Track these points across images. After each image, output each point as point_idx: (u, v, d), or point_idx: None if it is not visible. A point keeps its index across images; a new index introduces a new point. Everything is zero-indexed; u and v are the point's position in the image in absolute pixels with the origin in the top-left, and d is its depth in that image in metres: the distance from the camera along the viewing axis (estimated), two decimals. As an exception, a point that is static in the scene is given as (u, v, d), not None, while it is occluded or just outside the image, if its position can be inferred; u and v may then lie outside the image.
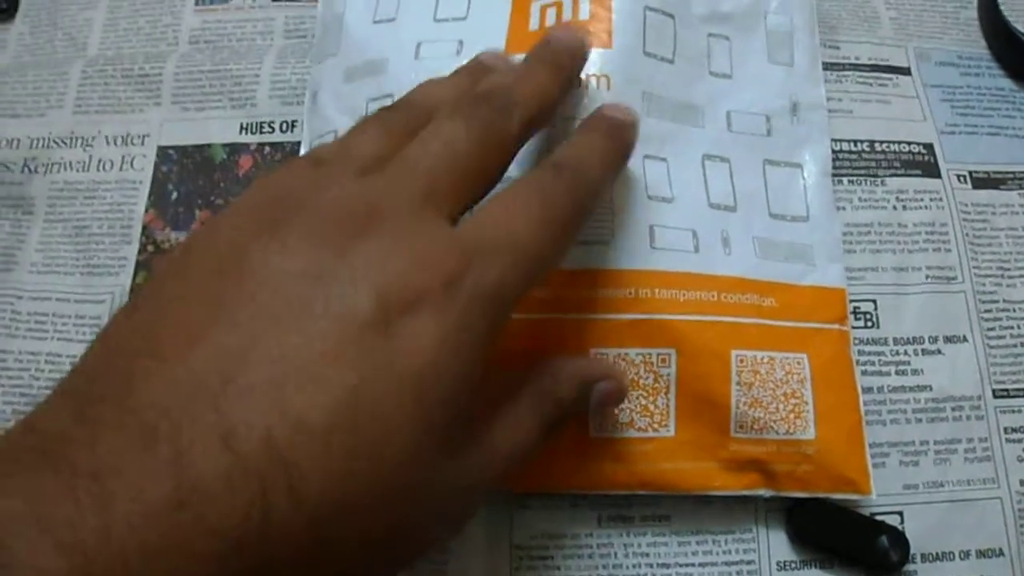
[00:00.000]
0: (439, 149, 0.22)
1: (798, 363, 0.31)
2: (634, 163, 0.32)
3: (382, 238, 0.20)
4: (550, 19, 0.34)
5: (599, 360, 0.29)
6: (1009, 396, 0.35)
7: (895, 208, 0.37)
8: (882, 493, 0.32)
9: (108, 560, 0.15)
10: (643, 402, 0.30)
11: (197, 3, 0.43)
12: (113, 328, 0.19)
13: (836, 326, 0.32)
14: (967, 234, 0.37)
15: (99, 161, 0.39)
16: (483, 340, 0.21)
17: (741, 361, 0.31)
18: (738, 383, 0.30)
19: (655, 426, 0.30)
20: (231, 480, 0.16)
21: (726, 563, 0.32)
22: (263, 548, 0.17)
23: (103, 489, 0.16)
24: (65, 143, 0.40)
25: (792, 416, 0.31)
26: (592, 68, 0.33)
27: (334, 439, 0.18)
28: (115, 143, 0.40)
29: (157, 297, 0.20)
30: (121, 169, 0.39)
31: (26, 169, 0.39)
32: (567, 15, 0.34)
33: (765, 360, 0.31)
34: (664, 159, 0.33)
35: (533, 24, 0.34)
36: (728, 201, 0.33)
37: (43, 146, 0.40)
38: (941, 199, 0.38)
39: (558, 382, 0.26)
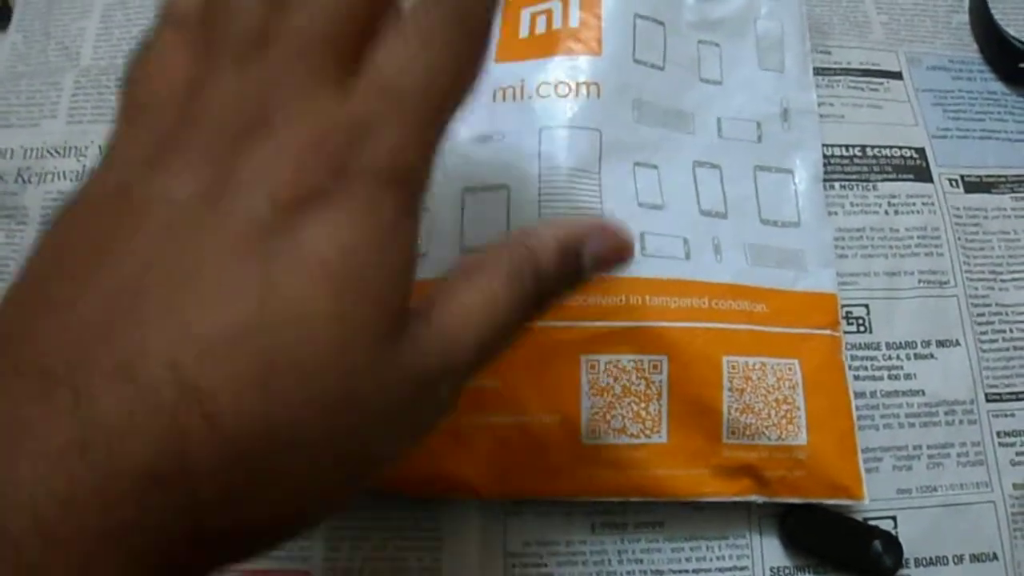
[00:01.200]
0: (318, 13, 0.19)
1: (789, 369, 0.31)
2: (624, 170, 0.32)
3: (269, 139, 0.18)
4: (540, 26, 0.34)
5: (586, 219, 0.26)
6: (1002, 400, 0.35)
7: (887, 213, 0.37)
8: (875, 498, 0.32)
9: (17, 512, 0.15)
10: (635, 408, 0.30)
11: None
12: (11, 289, 0.19)
13: (828, 331, 0.33)
14: (959, 238, 0.37)
15: (93, 171, 0.39)
16: (399, 218, 0.19)
17: (733, 367, 0.31)
18: (730, 389, 0.30)
19: (647, 432, 0.30)
20: (137, 414, 0.16)
21: (719, 569, 0.32)
22: (186, 482, 0.16)
23: (7, 441, 0.15)
24: (59, 153, 0.40)
25: (784, 422, 0.31)
26: (582, 76, 0.33)
27: (246, 353, 0.16)
28: (108, 152, 0.40)
29: (48, 249, 0.19)
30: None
31: (20, 179, 0.39)
32: (557, 22, 0.34)
33: (757, 366, 0.31)
34: (655, 166, 0.33)
35: (523, 31, 0.35)
36: (719, 208, 0.34)
37: (37, 156, 0.40)
38: (933, 203, 0.38)
39: (534, 249, 0.22)
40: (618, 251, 0.23)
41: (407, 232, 0.19)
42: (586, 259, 0.22)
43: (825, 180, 0.37)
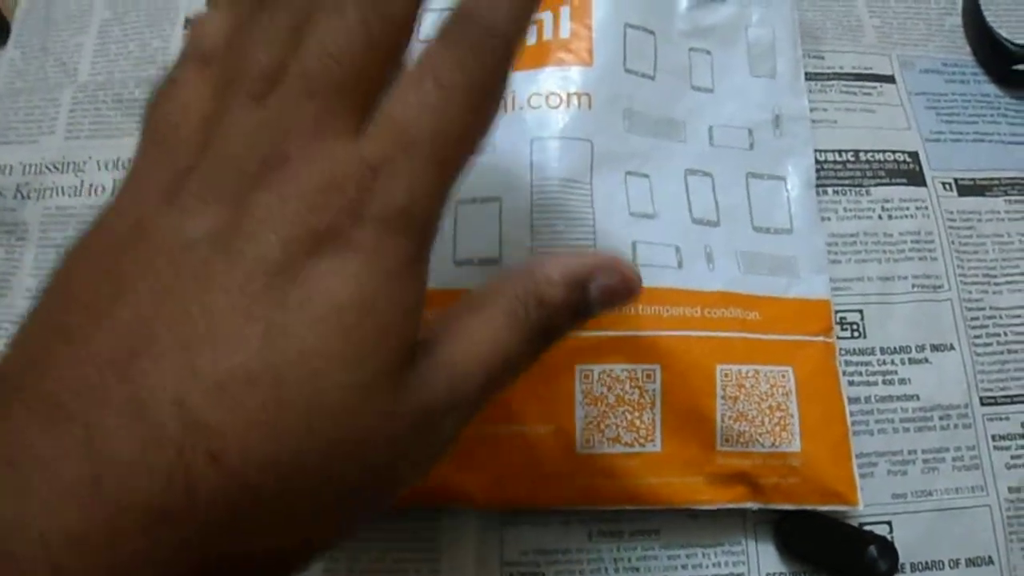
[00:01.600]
0: (327, 56, 0.19)
1: (783, 376, 0.31)
2: (616, 180, 0.33)
3: (283, 180, 0.18)
4: (531, 37, 0.34)
5: (593, 254, 0.26)
6: (996, 404, 0.35)
7: (880, 217, 0.38)
8: (871, 503, 0.32)
9: (28, 545, 0.15)
10: (629, 417, 0.30)
11: (186, 27, 0.43)
12: (27, 318, 0.19)
13: (821, 338, 0.33)
14: (953, 242, 0.37)
15: (91, 186, 0.40)
16: (410, 261, 0.19)
17: (726, 375, 0.31)
18: (723, 397, 0.31)
19: (641, 441, 0.30)
20: (146, 450, 0.16)
21: (716, 576, 0.32)
22: (195, 516, 0.16)
23: (19, 475, 0.16)
24: (57, 168, 0.40)
25: (777, 429, 0.31)
26: (573, 86, 0.33)
27: (253, 395, 0.17)
28: (106, 168, 0.40)
29: (64, 280, 0.19)
30: (113, 194, 0.39)
31: (19, 195, 0.40)
32: (548, 33, 0.34)
33: (750, 374, 0.31)
34: (646, 175, 0.33)
35: (515, 42, 0.35)
36: (711, 216, 0.34)
37: (35, 172, 0.40)
38: (927, 207, 0.38)
39: (539, 282, 0.22)
40: (626, 285, 0.23)
41: (417, 277, 0.19)
42: (593, 293, 0.22)
43: (818, 185, 0.37)
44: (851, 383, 0.34)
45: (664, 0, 0.36)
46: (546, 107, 0.33)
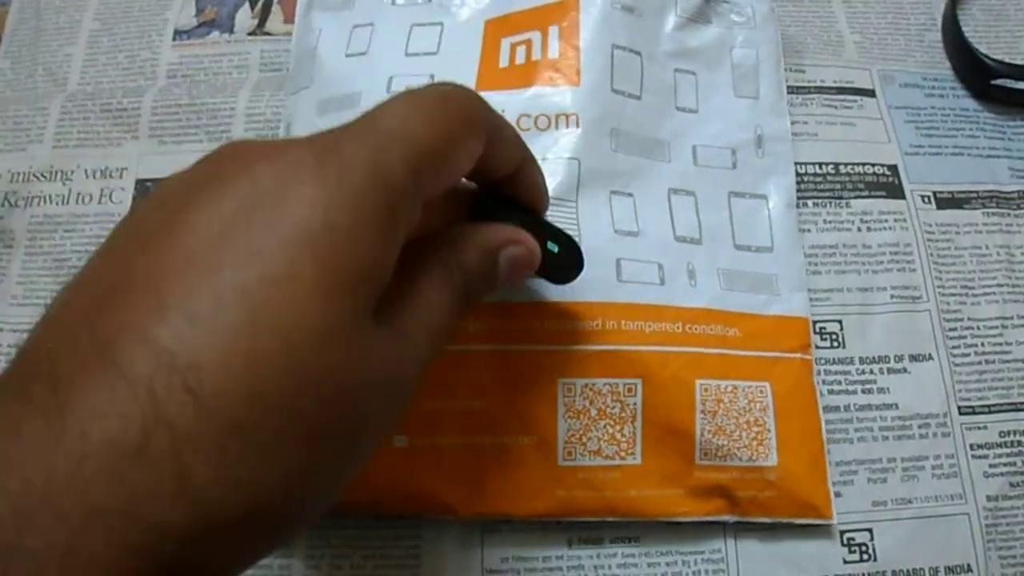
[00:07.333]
0: None
1: (761, 391, 0.32)
2: (601, 198, 0.33)
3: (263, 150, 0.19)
4: (520, 57, 0.35)
5: (505, 227, 0.25)
6: (974, 413, 0.35)
7: (860, 229, 0.38)
8: (851, 510, 0.33)
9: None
10: (610, 431, 0.31)
11: (175, 38, 0.44)
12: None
13: (799, 355, 0.33)
14: (931, 254, 0.38)
15: (78, 194, 0.40)
16: (380, 211, 0.19)
17: (705, 390, 0.31)
18: (702, 412, 0.31)
19: (622, 454, 0.31)
20: (114, 392, 0.15)
21: (696, 583, 0.32)
22: (174, 457, 0.15)
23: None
24: (45, 177, 0.40)
25: (755, 443, 0.31)
26: (561, 106, 0.33)
27: (227, 322, 0.16)
28: (94, 176, 0.40)
29: (83, 268, 0.19)
30: (100, 202, 0.39)
31: (6, 203, 0.40)
32: (536, 53, 0.35)
33: (729, 389, 0.32)
34: (631, 194, 0.34)
35: (503, 61, 0.35)
36: (694, 234, 0.34)
37: (23, 180, 0.40)
38: (905, 220, 0.38)
39: (463, 251, 0.24)
40: (529, 255, 0.26)
41: (390, 228, 0.19)
42: (501, 265, 0.25)
43: (798, 197, 0.37)
44: (830, 391, 0.35)
45: (651, 21, 0.37)
46: (535, 129, 0.33)
